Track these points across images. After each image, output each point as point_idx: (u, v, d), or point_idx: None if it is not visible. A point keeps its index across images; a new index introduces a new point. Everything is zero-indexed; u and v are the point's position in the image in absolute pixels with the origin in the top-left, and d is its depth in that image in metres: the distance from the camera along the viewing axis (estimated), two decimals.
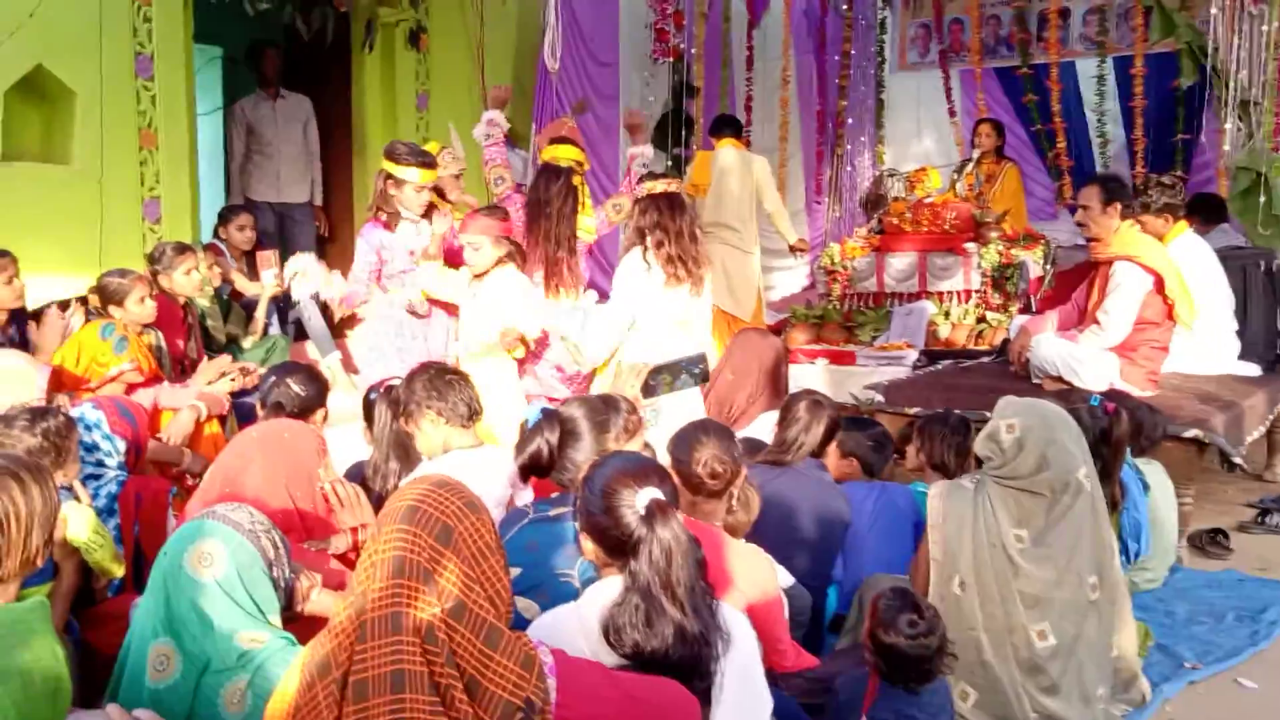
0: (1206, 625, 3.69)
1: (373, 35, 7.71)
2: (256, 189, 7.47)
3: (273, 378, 3.48)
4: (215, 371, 4.55)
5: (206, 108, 7.61)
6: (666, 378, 3.73)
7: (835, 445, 3.60)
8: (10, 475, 1.96)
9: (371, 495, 3.22)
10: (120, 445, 3.38)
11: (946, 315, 6.78)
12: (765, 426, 3.95)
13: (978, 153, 8.21)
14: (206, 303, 5.44)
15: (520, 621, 2.10)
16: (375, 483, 3.44)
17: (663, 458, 2.76)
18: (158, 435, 3.98)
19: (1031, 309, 6.32)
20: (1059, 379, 4.70)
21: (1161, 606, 3.83)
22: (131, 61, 6.04)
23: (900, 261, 7.17)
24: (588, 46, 8.88)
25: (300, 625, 2.17)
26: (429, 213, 5.06)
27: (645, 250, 4.42)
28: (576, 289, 5.22)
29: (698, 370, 3.87)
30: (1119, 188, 4.86)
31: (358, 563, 1.79)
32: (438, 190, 5.11)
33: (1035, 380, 4.82)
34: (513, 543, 2.41)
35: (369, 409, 3.66)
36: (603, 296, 4.91)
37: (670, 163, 8.83)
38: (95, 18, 5.83)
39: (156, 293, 4.67)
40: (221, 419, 4.36)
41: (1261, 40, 6.13)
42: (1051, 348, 4.77)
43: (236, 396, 4.58)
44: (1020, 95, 9.76)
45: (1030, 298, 6.63)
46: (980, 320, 6.66)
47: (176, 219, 6.23)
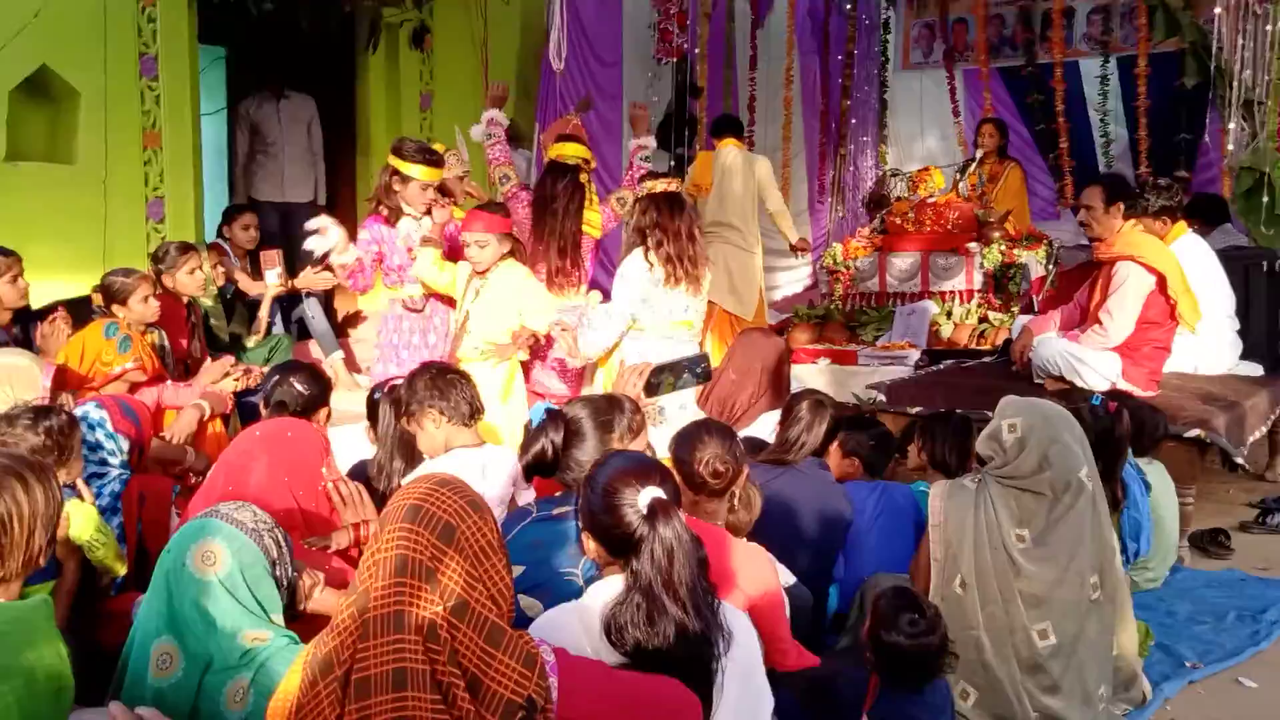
0: (1207, 625, 3.69)
1: (376, 35, 7.72)
2: (260, 189, 7.48)
3: (276, 376, 3.48)
4: (219, 372, 4.56)
5: (210, 107, 7.61)
6: (669, 377, 3.72)
7: (837, 445, 3.61)
8: (13, 475, 1.95)
9: (376, 495, 3.22)
10: (123, 444, 3.39)
11: (949, 315, 6.78)
12: (767, 426, 3.96)
13: (981, 152, 8.20)
14: (210, 302, 5.45)
15: (523, 620, 2.10)
16: (380, 482, 3.44)
17: (663, 457, 2.77)
18: (161, 434, 3.99)
19: (1034, 309, 6.33)
20: (1061, 379, 4.70)
21: (1162, 606, 3.83)
22: (136, 62, 6.06)
23: (903, 261, 7.17)
24: (591, 46, 8.87)
25: (303, 623, 2.18)
26: (429, 210, 5.07)
27: (647, 250, 4.43)
28: (580, 287, 5.23)
29: (700, 370, 3.87)
30: (1122, 188, 4.87)
31: (360, 561, 1.79)
32: (442, 190, 5.11)
33: (1037, 380, 4.82)
34: (516, 541, 2.42)
35: (373, 408, 3.67)
36: (606, 297, 4.91)
37: (673, 163, 8.82)
38: (99, 18, 5.85)
39: (160, 292, 4.68)
40: (225, 418, 4.36)
41: (1265, 40, 6.13)
42: (1054, 347, 4.77)
43: (240, 395, 4.59)
44: (1024, 95, 9.75)
45: (1033, 298, 6.63)
46: (982, 320, 6.66)
47: (180, 218, 6.25)
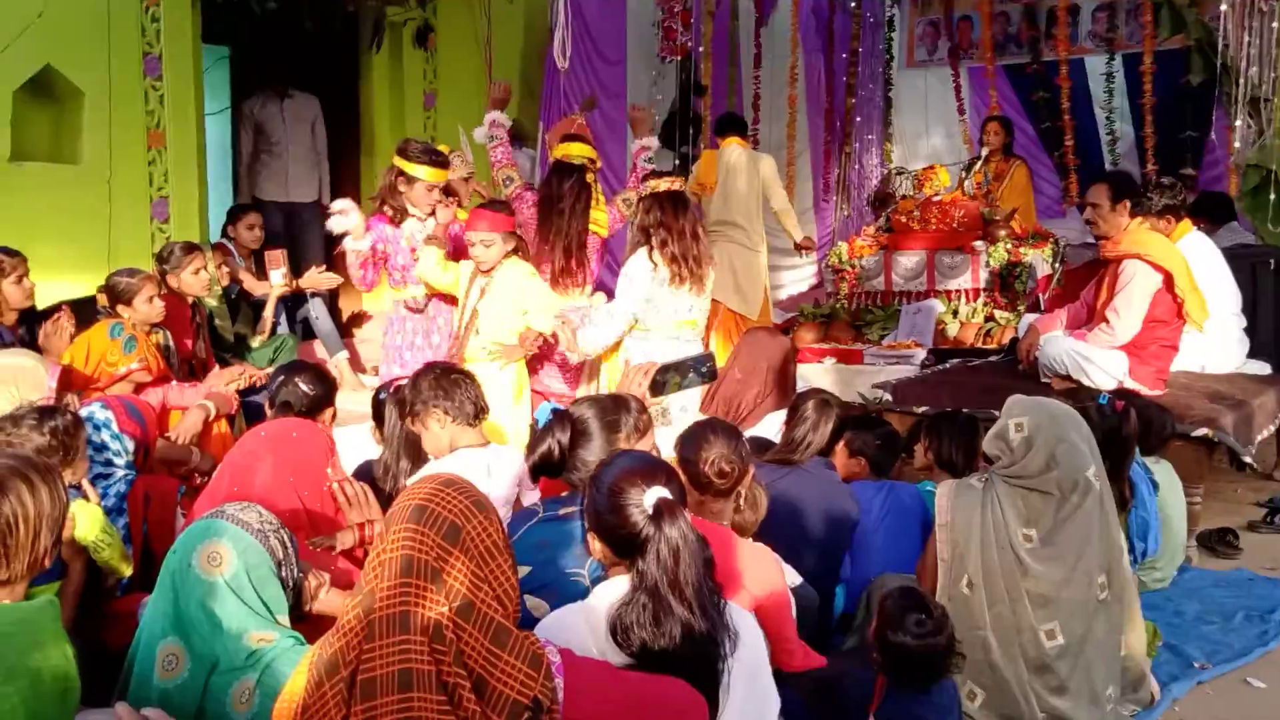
0: (1215, 625, 3.68)
1: (380, 34, 7.72)
2: (264, 188, 7.48)
3: (281, 377, 3.48)
4: (232, 378, 4.57)
5: (214, 107, 7.60)
6: (675, 377, 3.72)
7: (843, 444, 3.60)
8: (19, 476, 1.95)
9: (382, 495, 3.22)
10: (129, 444, 3.39)
11: (955, 314, 6.77)
12: (773, 425, 3.95)
13: (986, 150, 8.19)
14: (215, 302, 5.45)
15: (529, 620, 2.10)
16: (385, 482, 3.44)
17: (668, 457, 2.76)
18: (166, 434, 4.00)
19: (1040, 307, 6.31)
20: (1068, 378, 4.68)
21: (1170, 606, 3.82)
22: (140, 61, 6.06)
23: (908, 260, 7.16)
24: (595, 44, 8.86)
25: (309, 624, 2.18)
26: (434, 211, 5.07)
27: (651, 250, 4.42)
28: (585, 287, 5.23)
29: (706, 369, 3.86)
30: (1128, 185, 4.84)
31: (366, 562, 1.79)
32: (446, 190, 5.12)
33: (1044, 379, 4.80)
34: (522, 541, 2.42)
35: (378, 409, 3.66)
36: (611, 298, 4.91)
37: (678, 161, 8.81)
38: (103, 18, 5.85)
39: (165, 292, 4.68)
40: (230, 418, 4.37)
41: (1272, 37, 6.10)
42: (1060, 346, 4.76)
43: (245, 395, 4.60)
44: (1029, 92, 9.74)
45: (1039, 296, 6.61)
46: (988, 319, 6.65)
47: (185, 218, 6.26)
